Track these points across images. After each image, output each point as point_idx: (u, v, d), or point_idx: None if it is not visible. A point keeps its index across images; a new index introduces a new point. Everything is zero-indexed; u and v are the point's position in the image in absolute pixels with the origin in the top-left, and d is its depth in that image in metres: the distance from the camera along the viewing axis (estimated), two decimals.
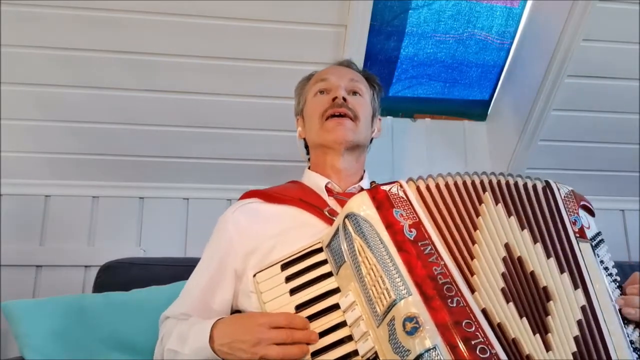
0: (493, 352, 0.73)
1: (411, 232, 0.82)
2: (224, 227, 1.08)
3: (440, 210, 0.86)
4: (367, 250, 0.82)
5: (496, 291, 0.80)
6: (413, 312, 0.75)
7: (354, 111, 1.15)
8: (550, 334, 0.79)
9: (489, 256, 0.83)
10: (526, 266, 0.84)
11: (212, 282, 1.04)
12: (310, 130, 1.19)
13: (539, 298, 0.82)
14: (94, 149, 1.79)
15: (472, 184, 0.90)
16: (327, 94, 1.18)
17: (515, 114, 1.92)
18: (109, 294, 1.40)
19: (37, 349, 1.23)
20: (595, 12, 1.59)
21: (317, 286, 0.88)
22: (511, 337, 0.77)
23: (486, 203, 0.88)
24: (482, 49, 1.91)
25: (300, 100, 1.27)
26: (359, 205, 0.86)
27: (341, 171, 1.15)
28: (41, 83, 1.65)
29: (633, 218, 2.14)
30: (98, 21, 1.54)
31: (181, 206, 1.91)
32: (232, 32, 1.60)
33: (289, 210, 1.08)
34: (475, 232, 0.85)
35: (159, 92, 1.70)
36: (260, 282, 0.91)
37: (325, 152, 1.15)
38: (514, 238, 0.86)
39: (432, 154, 2.04)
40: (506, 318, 0.78)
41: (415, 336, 0.73)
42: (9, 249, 1.76)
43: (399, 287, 0.78)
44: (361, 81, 1.23)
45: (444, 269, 0.79)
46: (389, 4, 1.78)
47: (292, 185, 1.20)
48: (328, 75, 1.20)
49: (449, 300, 0.76)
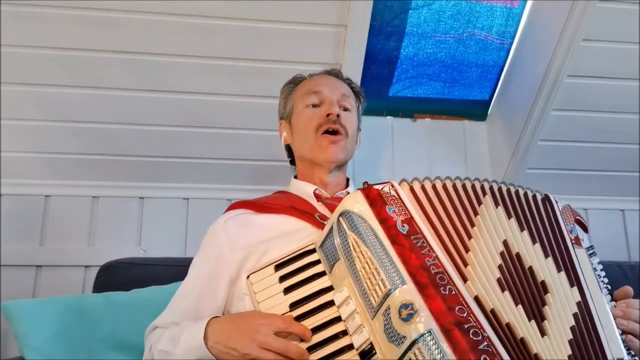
0: (485, 335, 0.76)
1: (404, 226, 0.85)
2: (215, 237, 1.08)
3: (435, 208, 0.89)
4: (361, 245, 0.84)
5: (491, 281, 0.83)
6: (408, 299, 0.78)
7: (345, 128, 1.17)
8: (546, 321, 0.83)
9: (485, 249, 0.86)
10: (524, 261, 0.88)
11: (204, 293, 1.04)
12: (300, 142, 1.20)
13: (536, 290, 0.86)
14: (94, 149, 1.79)
15: (472, 187, 0.93)
16: (320, 107, 1.19)
17: (515, 114, 1.92)
18: (109, 294, 1.40)
19: (37, 349, 1.23)
20: (595, 12, 1.60)
21: (310, 284, 0.90)
22: (505, 322, 0.80)
23: (486, 205, 0.91)
24: (482, 49, 1.92)
25: (287, 105, 1.27)
26: (352, 203, 0.88)
27: (328, 184, 1.18)
28: (41, 83, 1.65)
29: (633, 218, 2.14)
30: (98, 21, 1.54)
31: (181, 206, 1.91)
32: (232, 32, 1.60)
33: (280, 218, 1.09)
34: (472, 229, 0.88)
35: (159, 92, 1.71)
36: (254, 283, 0.92)
37: (314, 167, 1.18)
38: (512, 237, 0.90)
39: (432, 154, 2.04)
40: (500, 305, 0.81)
41: (410, 322, 0.76)
42: (9, 249, 1.76)
43: (393, 278, 0.80)
44: (350, 96, 1.25)
45: (436, 260, 0.83)
46: (389, 4, 1.79)
47: (280, 195, 1.22)
48: (321, 88, 1.21)
49: (441, 288, 0.79)
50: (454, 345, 0.74)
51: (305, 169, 1.21)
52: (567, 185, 2.06)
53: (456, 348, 0.73)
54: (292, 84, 1.29)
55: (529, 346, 0.79)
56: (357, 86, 1.31)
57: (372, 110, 1.99)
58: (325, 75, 1.28)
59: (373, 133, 1.98)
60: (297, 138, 1.21)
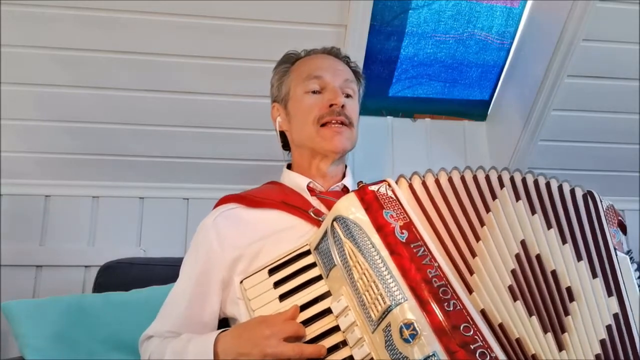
0: (493, 356, 0.72)
1: (402, 233, 0.79)
2: (205, 236, 1.03)
3: (437, 207, 0.83)
4: (358, 255, 0.79)
5: (500, 290, 0.77)
6: (410, 318, 0.73)
7: (349, 118, 1.09)
8: (567, 333, 0.76)
9: (496, 253, 0.80)
10: (546, 264, 0.80)
11: (198, 297, 0.99)
12: (298, 131, 1.11)
13: (558, 297, 0.79)
14: (94, 149, 1.79)
15: (486, 179, 0.86)
16: (322, 95, 1.09)
17: (515, 114, 1.92)
18: (109, 294, 1.40)
19: (37, 349, 1.23)
20: (595, 12, 1.59)
21: (307, 290, 0.85)
22: (515, 337, 0.75)
23: (502, 199, 0.84)
24: (482, 49, 1.91)
25: (281, 87, 1.16)
26: (347, 207, 0.83)
27: (327, 174, 1.11)
28: (41, 83, 1.65)
29: (633, 218, 2.14)
30: (98, 21, 1.54)
31: (181, 206, 1.91)
32: (232, 32, 1.60)
33: (272, 214, 1.03)
34: (482, 229, 0.81)
35: (159, 92, 1.70)
36: (248, 289, 0.88)
37: (314, 156, 1.10)
38: (534, 236, 0.82)
39: (432, 154, 2.04)
40: (510, 317, 0.76)
41: (413, 343, 0.72)
42: (9, 249, 1.75)
43: (393, 293, 0.75)
44: (353, 80, 1.16)
45: (438, 270, 0.77)
46: (389, 4, 1.78)
47: (271, 186, 1.14)
48: (322, 73, 1.11)
49: (445, 303, 0.74)
50: None
51: (301, 159, 1.13)
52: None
53: None
54: (287, 64, 1.19)
55: None
56: (355, 65, 1.21)
57: (372, 110, 1.99)
58: (325, 56, 1.18)
59: (373, 133, 1.98)
60: (295, 125, 1.12)
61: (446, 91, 2.02)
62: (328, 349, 0.80)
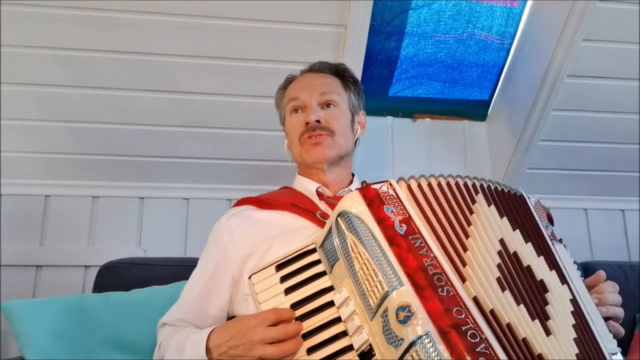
0: (483, 337, 0.75)
1: (401, 227, 0.84)
2: (219, 234, 1.09)
3: (432, 206, 0.88)
4: (359, 246, 0.84)
5: (490, 280, 0.82)
6: (405, 301, 0.77)
7: (329, 128, 1.15)
8: (551, 320, 0.82)
9: (484, 249, 0.86)
10: (522, 260, 0.88)
11: (208, 289, 1.06)
12: (292, 148, 1.22)
13: (537, 289, 0.86)
14: (94, 149, 1.79)
15: (464, 185, 0.93)
16: (302, 112, 1.18)
17: (515, 114, 1.92)
18: (109, 294, 1.40)
19: (37, 349, 1.23)
20: (595, 12, 1.60)
21: (311, 285, 0.90)
22: (505, 322, 0.79)
23: (479, 203, 0.91)
24: (482, 49, 1.91)
25: (279, 111, 1.27)
26: (350, 203, 0.88)
27: (329, 182, 1.18)
28: (41, 83, 1.65)
29: (633, 218, 2.14)
30: (98, 21, 1.54)
31: (181, 206, 1.91)
32: (232, 32, 1.60)
33: (282, 215, 1.10)
34: (469, 227, 0.87)
35: (159, 92, 1.71)
36: (256, 284, 0.93)
37: (310, 169, 1.19)
38: (508, 235, 0.90)
39: (432, 154, 2.04)
40: (501, 305, 0.80)
41: (408, 324, 0.75)
42: (9, 249, 1.76)
43: (391, 279, 0.79)
44: (334, 88, 1.21)
45: (434, 260, 0.82)
46: (389, 4, 1.78)
47: (284, 191, 1.22)
48: (298, 94, 1.19)
49: (439, 289, 0.78)
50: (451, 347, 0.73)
51: (304, 172, 1.22)
52: (567, 185, 2.06)
53: (453, 350, 0.73)
54: (282, 90, 1.27)
55: (532, 346, 0.78)
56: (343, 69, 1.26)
57: (372, 110, 1.99)
58: (305, 75, 1.25)
59: (373, 133, 1.98)
60: (290, 144, 1.23)
61: (446, 91, 2.02)
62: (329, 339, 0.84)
